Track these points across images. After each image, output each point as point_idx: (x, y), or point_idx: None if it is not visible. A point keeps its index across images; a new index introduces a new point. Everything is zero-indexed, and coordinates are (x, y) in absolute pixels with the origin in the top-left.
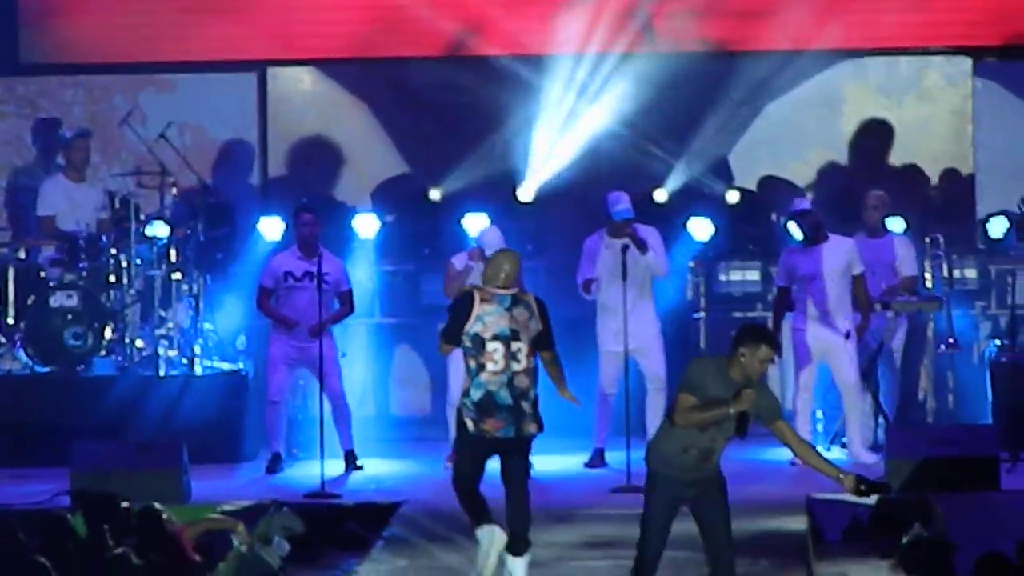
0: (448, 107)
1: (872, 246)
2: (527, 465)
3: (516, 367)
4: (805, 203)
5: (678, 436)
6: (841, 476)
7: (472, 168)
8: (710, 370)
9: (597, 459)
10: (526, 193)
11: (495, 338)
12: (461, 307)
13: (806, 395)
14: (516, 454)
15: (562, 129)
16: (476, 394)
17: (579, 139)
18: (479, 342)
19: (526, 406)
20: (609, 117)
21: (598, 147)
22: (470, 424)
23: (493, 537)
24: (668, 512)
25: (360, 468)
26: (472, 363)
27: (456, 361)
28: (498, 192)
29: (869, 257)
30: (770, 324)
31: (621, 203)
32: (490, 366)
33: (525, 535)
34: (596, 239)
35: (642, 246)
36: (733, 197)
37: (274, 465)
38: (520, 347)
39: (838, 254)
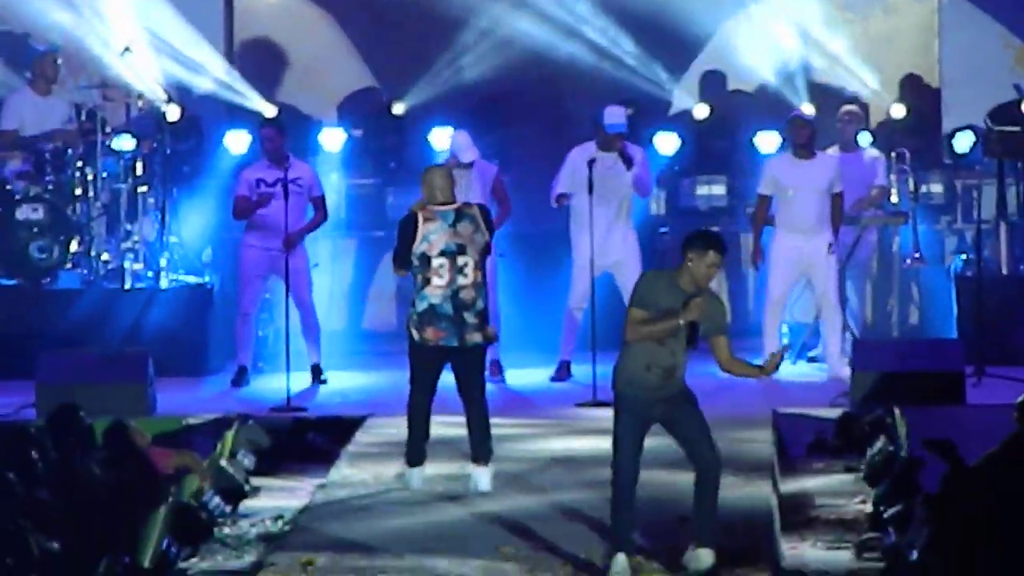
0: (413, 18)
1: (845, 160)
2: (478, 376)
3: (462, 280)
4: (807, 113)
5: (639, 354)
6: (763, 366)
7: (436, 80)
8: (661, 283)
9: (563, 371)
10: (490, 105)
11: (441, 254)
12: (406, 229)
13: (777, 308)
14: (465, 365)
15: (523, 37)
16: (420, 306)
17: (543, 48)
18: (425, 260)
19: (468, 316)
20: (575, 25)
21: (562, 57)
22: (415, 334)
23: (410, 481)
24: (638, 431)
25: (324, 382)
26: (419, 278)
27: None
28: (462, 105)
29: (843, 171)
30: (750, 235)
31: (615, 117)
32: (435, 280)
33: (486, 444)
34: (581, 151)
35: (628, 162)
36: (701, 112)
37: (240, 378)
38: (467, 261)
39: (824, 170)
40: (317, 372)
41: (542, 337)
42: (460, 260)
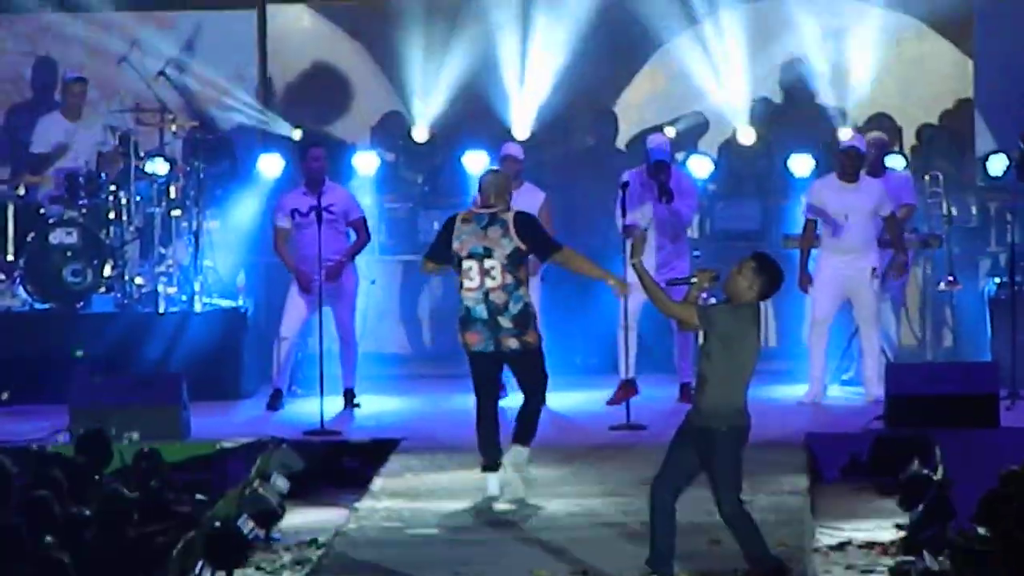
0: (446, 44)
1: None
2: (533, 373)
3: (490, 283)
4: (862, 142)
5: None
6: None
7: (467, 105)
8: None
9: (631, 390)
10: (521, 130)
11: (469, 256)
12: (443, 228)
13: (821, 329)
14: (515, 366)
15: (551, 63)
16: (460, 310)
17: (569, 74)
18: (458, 261)
19: (503, 321)
20: (605, 49)
21: (589, 81)
22: (460, 338)
23: (486, 487)
24: (676, 454)
25: (358, 406)
26: (458, 280)
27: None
28: (493, 129)
29: None
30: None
31: (656, 143)
32: (466, 283)
33: (527, 428)
34: (634, 176)
35: (668, 195)
36: (747, 136)
37: (275, 401)
38: (493, 264)
39: (870, 194)
40: (350, 396)
41: (587, 358)
42: (487, 263)
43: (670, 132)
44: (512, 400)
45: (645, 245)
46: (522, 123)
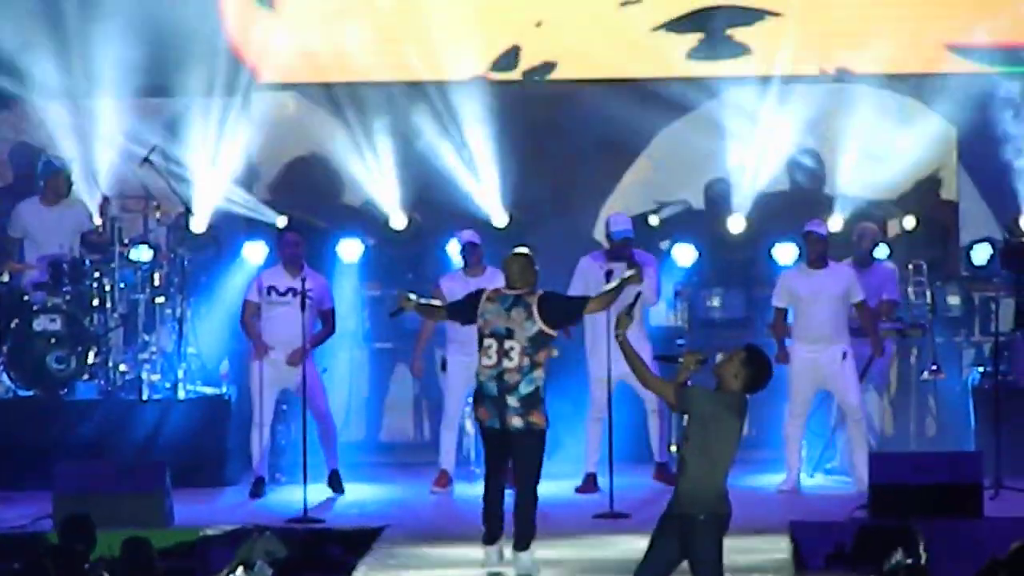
0: (429, 130)
1: (862, 276)
2: (529, 464)
3: (507, 364)
4: (823, 227)
5: None
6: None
7: (452, 191)
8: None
9: (590, 484)
10: (501, 218)
11: (491, 335)
12: (471, 298)
13: (798, 420)
14: (512, 448)
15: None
16: (476, 384)
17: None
18: (480, 337)
19: (511, 400)
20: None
21: (574, 167)
22: (473, 412)
23: (486, 560)
24: (657, 549)
25: (343, 492)
26: (477, 355)
27: (452, 383)
28: (476, 215)
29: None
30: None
31: (620, 224)
32: (484, 360)
33: (523, 531)
34: (590, 260)
35: (636, 268)
36: (736, 225)
37: (257, 489)
38: (513, 345)
39: (838, 279)
40: (336, 478)
41: (563, 447)
42: (507, 344)
43: (653, 220)
44: None
45: (632, 320)
46: (498, 210)
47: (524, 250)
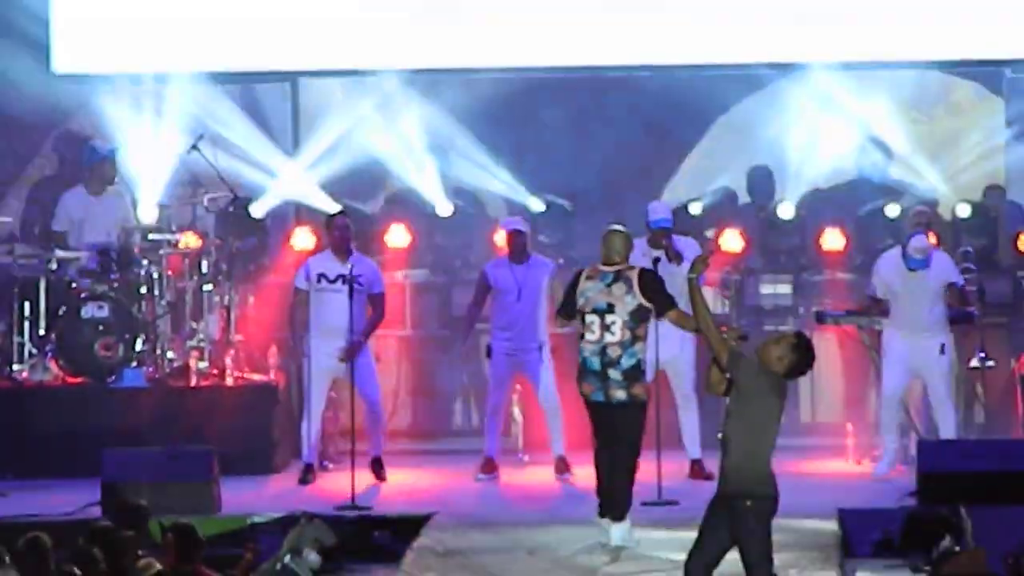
0: (482, 117)
1: None
2: (620, 431)
3: (609, 338)
4: (924, 239)
5: None
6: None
7: (503, 179)
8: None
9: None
10: (540, 203)
11: (593, 311)
12: (570, 285)
13: (892, 403)
14: (612, 420)
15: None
16: (580, 360)
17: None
18: (581, 315)
19: (614, 373)
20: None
21: (619, 153)
22: (578, 387)
23: (601, 532)
24: (709, 530)
25: (384, 479)
26: (578, 333)
27: (496, 371)
28: (516, 203)
29: None
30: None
31: (659, 212)
32: (587, 335)
33: (619, 500)
34: (636, 245)
35: (676, 257)
36: (787, 212)
37: (307, 476)
38: (614, 320)
39: (937, 271)
40: (378, 465)
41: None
42: (608, 318)
43: (695, 208)
44: None
45: (707, 266)
46: (540, 198)
47: (620, 227)
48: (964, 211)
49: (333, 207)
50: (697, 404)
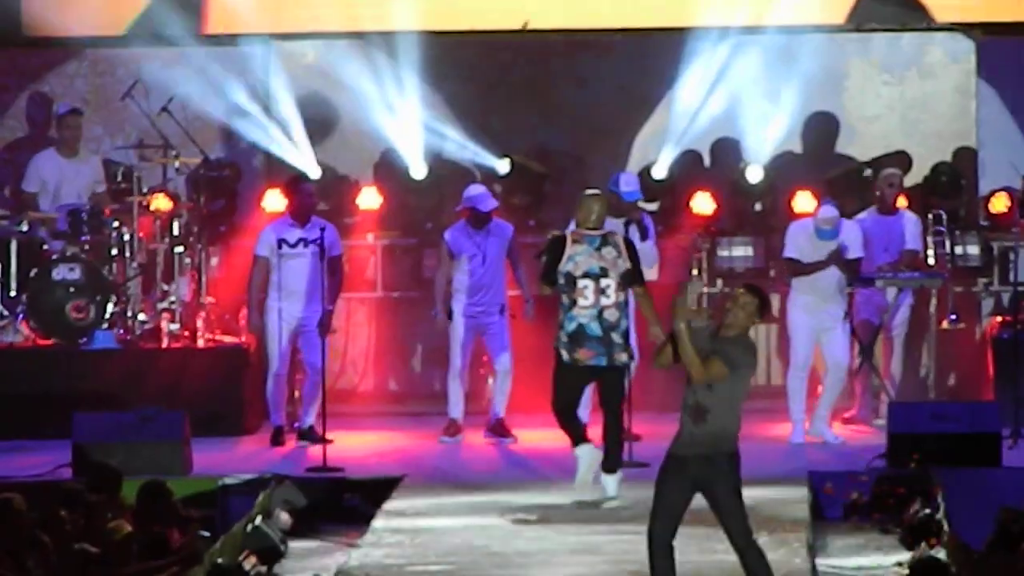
0: (452, 80)
1: (884, 223)
2: (621, 392)
3: (605, 301)
4: (833, 210)
5: (683, 400)
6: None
7: (472, 142)
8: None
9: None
10: (506, 165)
11: (585, 275)
12: (554, 248)
13: (801, 372)
14: (609, 381)
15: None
16: (569, 326)
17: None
18: (571, 280)
19: (616, 336)
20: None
21: (589, 115)
22: (565, 354)
23: (590, 454)
24: (674, 489)
25: (328, 441)
26: (565, 299)
27: (456, 333)
28: (484, 166)
29: (880, 234)
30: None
31: (631, 185)
32: (581, 301)
33: (617, 454)
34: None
35: (644, 232)
36: (755, 175)
37: (278, 438)
38: (609, 283)
39: (849, 244)
40: (310, 434)
41: None
42: (603, 282)
43: (658, 171)
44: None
45: (691, 310)
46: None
47: (597, 191)
48: (935, 173)
49: (313, 168)
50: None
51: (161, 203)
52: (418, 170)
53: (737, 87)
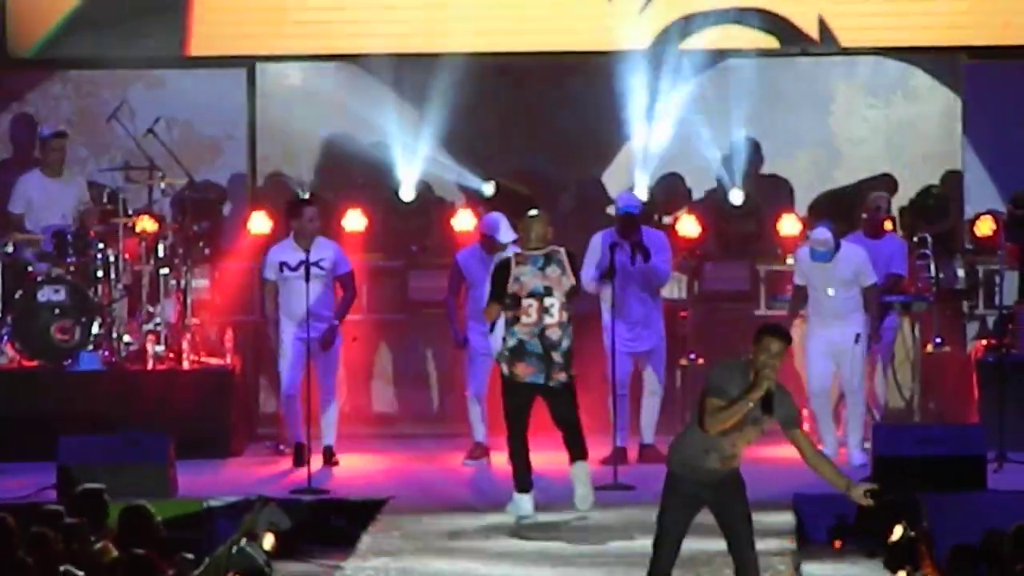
0: (437, 103)
1: (871, 246)
2: (570, 408)
3: (548, 320)
4: (826, 232)
5: (700, 438)
6: (851, 488)
7: (457, 164)
8: (732, 374)
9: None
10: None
11: (530, 295)
12: (498, 274)
13: (821, 399)
14: (556, 400)
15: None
16: (510, 342)
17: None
18: (516, 299)
19: (556, 356)
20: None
21: (573, 141)
22: (505, 368)
23: (518, 508)
24: (683, 513)
25: (336, 464)
26: (509, 315)
27: (474, 355)
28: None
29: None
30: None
31: (622, 200)
32: (524, 319)
33: (582, 443)
34: (599, 238)
35: (644, 253)
36: (737, 197)
37: (300, 456)
38: (553, 302)
39: (849, 264)
40: (329, 454)
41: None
42: (547, 301)
43: (640, 193)
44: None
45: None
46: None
47: (536, 211)
48: (922, 196)
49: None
50: (661, 397)
51: (147, 224)
52: (403, 192)
53: (719, 110)
